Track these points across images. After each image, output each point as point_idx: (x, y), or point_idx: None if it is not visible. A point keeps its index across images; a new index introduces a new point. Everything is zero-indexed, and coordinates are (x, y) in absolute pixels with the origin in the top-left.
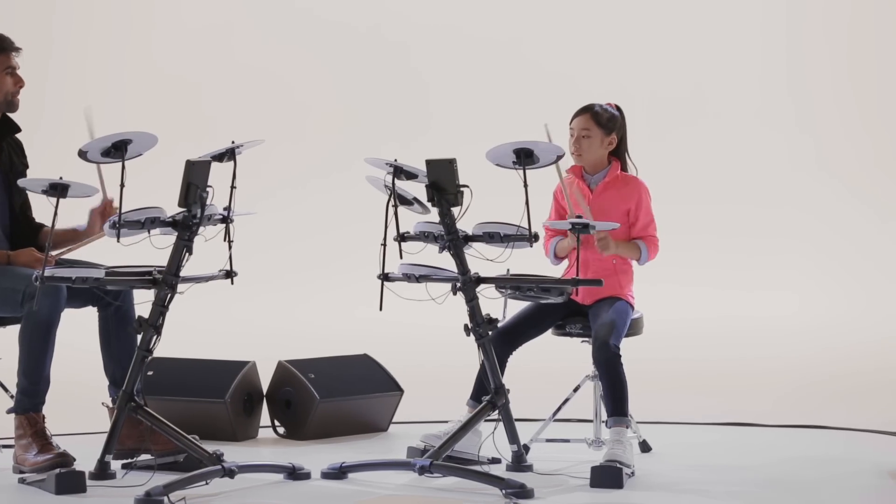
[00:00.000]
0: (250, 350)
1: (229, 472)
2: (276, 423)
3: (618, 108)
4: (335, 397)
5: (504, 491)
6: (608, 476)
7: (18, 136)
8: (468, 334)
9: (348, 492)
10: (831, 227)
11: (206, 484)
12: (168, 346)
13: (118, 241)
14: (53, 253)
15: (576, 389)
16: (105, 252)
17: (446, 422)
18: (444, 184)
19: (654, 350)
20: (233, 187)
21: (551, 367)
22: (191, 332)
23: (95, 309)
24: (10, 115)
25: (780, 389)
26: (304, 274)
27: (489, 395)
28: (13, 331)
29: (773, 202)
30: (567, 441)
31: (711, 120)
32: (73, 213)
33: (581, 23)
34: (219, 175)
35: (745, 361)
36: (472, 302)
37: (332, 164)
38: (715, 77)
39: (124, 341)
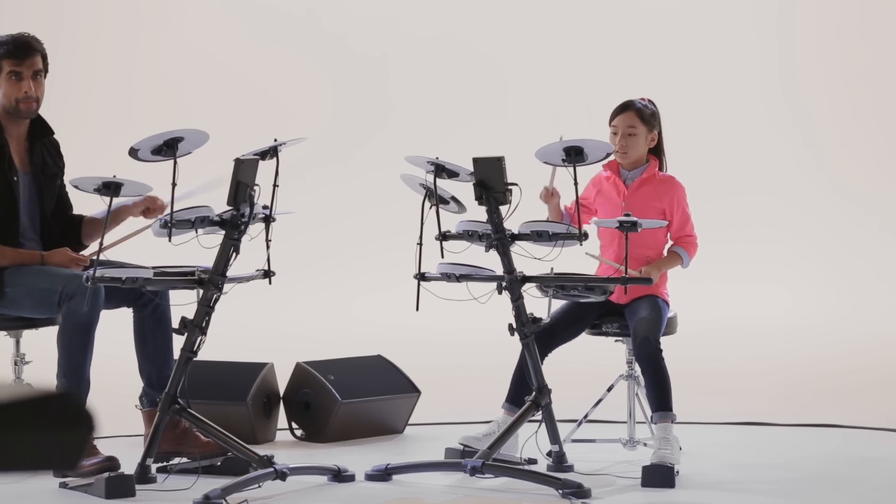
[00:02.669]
0: (246, 352)
1: (281, 475)
2: (294, 425)
3: (652, 104)
4: (356, 399)
5: (562, 491)
6: (660, 475)
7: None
8: (512, 334)
9: (398, 493)
10: (824, 224)
11: (259, 486)
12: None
13: (170, 241)
14: (87, 253)
15: (609, 389)
16: (124, 253)
17: (464, 423)
18: (491, 182)
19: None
20: (275, 185)
21: (583, 367)
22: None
23: (130, 310)
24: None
25: (773, 388)
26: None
27: (531, 394)
28: (44, 333)
29: (766, 200)
30: (593, 441)
31: (705, 118)
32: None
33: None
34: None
35: (739, 361)
36: (517, 301)
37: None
38: (707, 76)
39: (161, 342)
